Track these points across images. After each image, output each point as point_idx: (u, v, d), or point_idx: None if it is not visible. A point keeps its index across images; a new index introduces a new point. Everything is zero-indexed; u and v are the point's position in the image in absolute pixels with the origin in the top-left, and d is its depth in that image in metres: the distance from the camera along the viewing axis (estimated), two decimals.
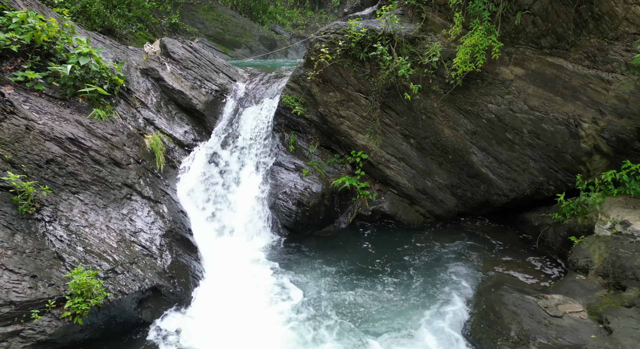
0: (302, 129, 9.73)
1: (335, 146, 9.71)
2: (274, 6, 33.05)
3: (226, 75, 10.76)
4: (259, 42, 29.36)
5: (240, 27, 29.26)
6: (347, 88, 8.72)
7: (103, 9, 20.98)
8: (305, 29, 31.99)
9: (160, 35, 25.49)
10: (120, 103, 8.67)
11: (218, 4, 29.78)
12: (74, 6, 20.35)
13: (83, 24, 20.47)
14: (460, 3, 7.17)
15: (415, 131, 8.52)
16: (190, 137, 9.41)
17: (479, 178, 8.47)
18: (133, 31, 22.75)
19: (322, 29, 8.80)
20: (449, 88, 7.93)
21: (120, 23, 21.90)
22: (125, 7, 22.72)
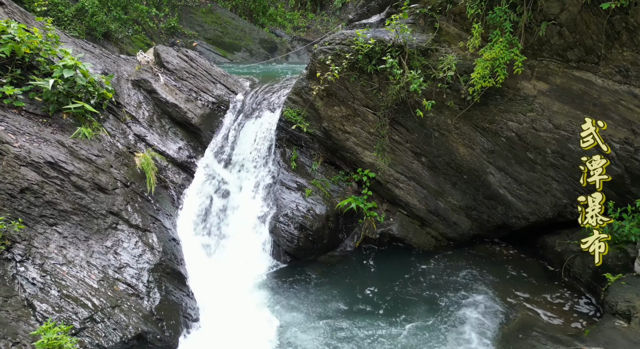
0: (304, 144, 9.10)
1: (340, 162, 9.08)
2: (275, 8, 32.41)
3: (224, 86, 10.12)
4: (259, 45, 28.73)
5: (239, 30, 28.62)
6: (354, 103, 8.09)
7: (98, 12, 20.36)
8: (307, 31, 31.36)
9: (157, 38, 24.87)
10: (108, 119, 8.04)
11: (217, 6, 29.15)
12: (67, 9, 19.74)
13: (77, 28, 19.85)
14: (479, 13, 6.53)
15: (427, 149, 7.89)
16: (184, 153, 8.77)
17: (496, 200, 7.83)
18: (129, 35, 22.14)
19: (327, 39, 8.16)
20: (464, 105, 7.29)
21: (116, 27, 21.28)
22: (121, 10, 22.08)
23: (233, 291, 6.95)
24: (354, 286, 7.33)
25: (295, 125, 8.43)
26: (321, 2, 31.52)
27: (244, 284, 7.22)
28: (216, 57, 27.30)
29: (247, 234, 8.01)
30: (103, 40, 20.72)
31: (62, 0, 20.05)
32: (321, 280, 7.51)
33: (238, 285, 7.14)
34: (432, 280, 7.50)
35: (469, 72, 7.06)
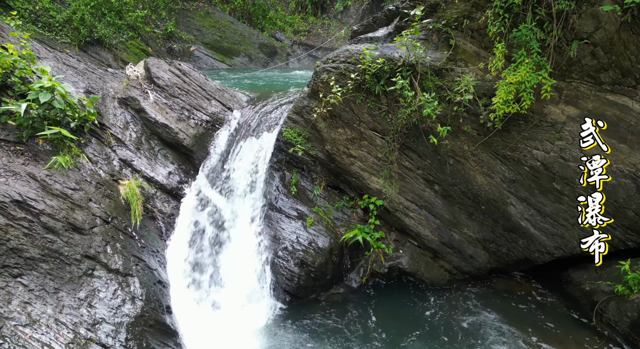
0: (305, 167, 8.39)
1: (344, 186, 8.37)
2: (275, 11, 31.67)
3: (219, 102, 9.40)
4: (259, 50, 27.99)
5: (238, 34, 27.89)
6: (360, 126, 7.36)
7: (91, 17, 19.64)
8: (307, 35, 30.61)
9: (154, 43, 24.14)
10: (91, 143, 7.32)
11: (215, 9, 28.42)
12: (59, 15, 19.03)
13: (69, 34, 19.13)
14: (502, 31, 5.81)
15: (440, 177, 7.16)
16: (175, 179, 8.05)
17: (517, 233, 7.11)
18: (124, 40, 21.41)
19: (330, 56, 7.44)
20: (483, 130, 6.57)
21: (109, 32, 20.56)
22: (115, 15, 21.35)
23: (229, 341, 6.22)
24: (359, 330, 6.60)
25: (295, 148, 7.69)
26: (322, 6, 30.79)
27: (240, 331, 6.50)
28: (214, 62, 26.59)
29: (243, 270, 7.28)
30: (96, 46, 20.00)
31: (54, 6, 19.35)
32: (325, 321, 6.79)
33: (234, 333, 6.42)
34: (446, 319, 6.79)
35: (489, 94, 6.34)
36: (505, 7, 5.69)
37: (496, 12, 5.77)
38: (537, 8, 5.68)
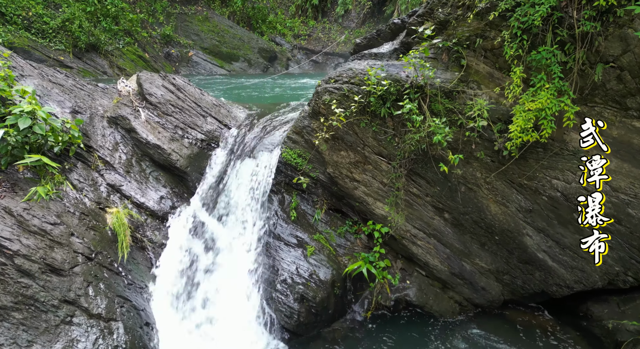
0: (306, 189, 7.90)
1: (347, 209, 7.90)
2: (274, 15, 31.19)
3: (215, 120, 8.92)
4: (258, 55, 27.49)
5: (238, 38, 27.39)
6: (364, 150, 6.88)
7: (86, 23, 19.17)
8: (308, 39, 30.10)
9: (151, 48, 23.65)
10: (76, 168, 6.85)
11: (214, 14, 27.92)
12: (53, 21, 18.55)
13: (63, 41, 18.65)
14: (520, 54, 5.32)
15: (451, 205, 6.68)
16: (167, 203, 7.57)
17: (534, 265, 6.63)
18: (120, 46, 20.94)
19: (332, 75, 6.96)
20: (498, 157, 6.09)
21: (105, 38, 20.08)
22: (111, 21, 20.86)
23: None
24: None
25: (302, 181, 7.21)
26: (323, 9, 30.30)
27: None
28: (213, 67, 26.11)
29: (239, 305, 6.80)
30: (91, 52, 19.52)
31: (48, 12, 18.88)
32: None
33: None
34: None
35: (505, 120, 5.86)
36: (523, 27, 5.21)
37: (513, 33, 5.29)
38: (558, 28, 5.20)
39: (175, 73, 24.25)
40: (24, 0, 18.26)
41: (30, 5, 18.40)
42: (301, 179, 7.06)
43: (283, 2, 31.67)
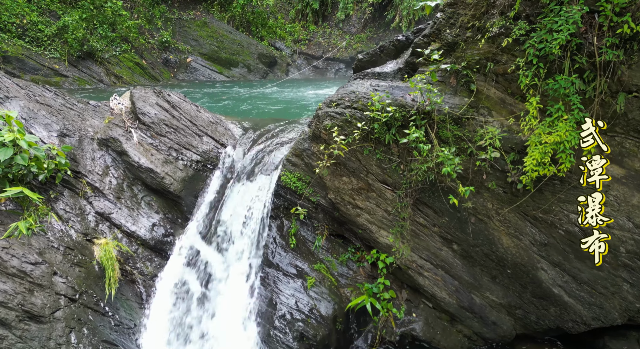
0: (306, 214, 7.51)
1: (349, 234, 7.52)
2: (274, 19, 30.79)
3: (212, 139, 8.54)
4: (258, 60, 27.09)
5: (237, 44, 27.00)
6: (367, 177, 6.50)
7: (82, 30, 18.79)
8: (308, 44, 29.68)
9: (148, 55, 23.27)
10: (62, 196, 6.48)
11: (213, 19, 27.53)
12: (48, 29, 18.19)
13: (58, 49, 18.29)
14: (536, 83, 4.93)
15: (460, 236, 6.30)
16: (160, 231, 7.19)
17: (549, 300, 6.24)
18: (117, 54, 20.56)
19: (334, 97, 6.57)
20: (510, 188, 5.71)
21: (101, 46, 19.71)
22: (107, 27, 20.48)
23: None
24: None
25: (300, 212, 6.83)
26: (323, 14, 29.91)
27: None
28: (212, 73, 25.74)
29: (235, 342, 6.42)
30: (87, 60, 19.16)
31: (43, 19, 18.52)
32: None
33: None
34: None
35: (518, 149, 5.48)
36: (539, 55, 4.82)
37: (529, 60, 4.91)
38: (576, 55, 4.82)
39: (173, 79, 23.92)
40: (18, 8, 17.91)
41: (24, 12, 18.05)
42: (299, 210, 6.67)
43: (283, 7, 31.29)
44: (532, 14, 5.12)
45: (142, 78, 21.14)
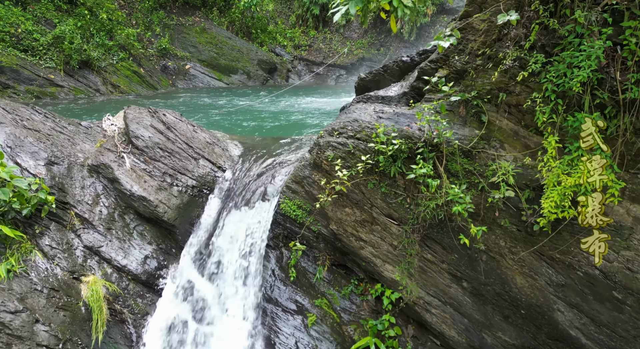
0: (306, 243, 7.16)
1: (352, 264, 7.15)
2: (274, 24, 30.45)
3: (209, 162, 8.19)
4: (258, 67, 26.75)
5: (236, 50, 26.66)
6: (371, 210, 6.14)
7: (78, 39, 18.44)
8: (308, 50, 29.32)
9: (147, 62, 22.92)
10: (48, 231, 6.12)
11: (213, 25, 27.20)
12: (43, 38, 17.84)
13: (54, 58, 17.93)
14: (554, 120, 4.57)
15: (470, 274, 5.93)
16: (152, 264, 6.84)
17: (566, 342, 5.86)
18: (114, 62, 20.22)
19: (335, 125, 6.22)
20: (524, 226, 5.34)
21: (98, 54, 19.37)
22: (104, 35, 20.13)
23: None
24: None
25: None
26: (324, 19, 29.54)
27: None
28: (211, 80, 25.41)
29: None
30: (83, 69, 18.81)
31: (38, 28, 18.17)
32: None
33: None
34: None
35: (534, 186, 5.12)
36: (558, 91, 4.46)
37: (546, 96, 4.55)
38: (597, 90, 4.46)
39: (172, 86, 23.58)
40: (13, 17, 17.57)
41: (19, 21, 17.71)
42: (297, 246, 6.31)
43: (283, 12, 30.94)
44: (549, 44, 4.76)
45: (140, 87, 20.79)
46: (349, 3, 3.46)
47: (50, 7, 19.13)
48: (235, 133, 12.55)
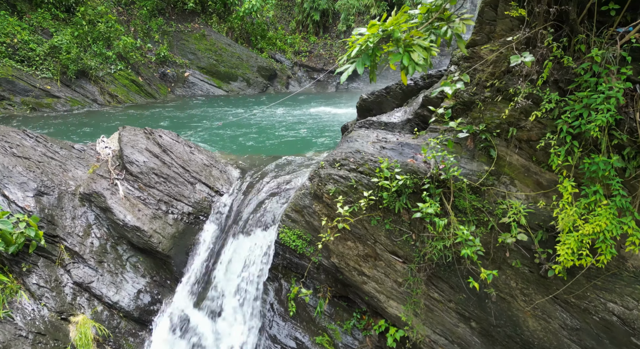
0: (306, 274, 6.88)
1: (354, 295, 6.86)
2: (274, 30, 30.16)
3: (205, 186, 7.92)
4: (257, 74, 26.47)
5: (236, 57, 26.37)
6: (375, 245, 5.86)
7: (75, 48, 18.18)
8: (309, 56, 29.04)
9: (145, 70, 22.65)
10: (36, 268, 5.85)
11: (212, 31, 26.91)
12: (40, 48, 17.58)
13: (51, 68, 17.67)
14: (570, 163, 4.29)
15: (479, 314, 5.65)
16: (145, 299, 6.56)
17: None
18: (112, 72, 19.94)
19: (336, 155, 5.93)
20: (537, 268, 5.06)
21: (96, 63, 19.10)
22: (102, 44, 19.85)
23: None
24: None
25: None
26: (324, 25, 29.27)
27: None
28: (210, 87, 25.14)
29: None
30: (80, 79, 18.53)
31: (34, 37, 17.90)
32: None
33: None
34: None
35: (547, 226, 4.83)
36: (574, 133, 4.18)
37: (561, 138, 4.27)
38: (615, 131, 4.18)
39: (170, 94, 23.31)
40: (9, 26, 17.31)
41: (15, 31, 17.45)
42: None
43: (283, 17, 30.66)
44: (562, 79, 4.48)
45: (138, 96, 20.52)
46: (355, 61, 3.19)
47: (47, 16, 18.86)
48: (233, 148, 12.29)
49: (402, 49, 3.04)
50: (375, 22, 3.13)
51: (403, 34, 3.10)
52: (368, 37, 3.06)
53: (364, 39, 3.09)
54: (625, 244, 4.28)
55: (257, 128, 15.00)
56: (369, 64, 3.20)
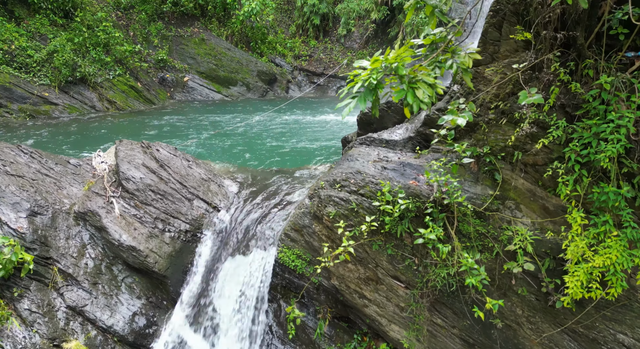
0: (306, 294, 6.74)
1: (355, 316, 6.71)
2: (274, 34, 30.01)
3: (203, 201, 7.76)
4: (257, 78, 26.31)
5: (236, 61, 26.22)
6: (377, 269, 5.71)
7: (73, 55, 18.02)
8: (309, 60, 28.85)
9: (144, 75, 22.50)
10: (28, 292, 5.70)
11: (211, 35, 26.75)
12: (38, 54, 17.43)
13: (48, 75, 17.52)
14: (578, 193, 4.13)
15: (484, 342, 5.49)
16: (141, 322, 6.41)
17: None
18: (110, 78, 19.79)
19: (337, 175, 5.78)
20: (544, 297, 4.90)
21: (94, 70, 18.94)
22: (101, 50, 19.70)
23: None
24: None
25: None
26: (324, 29, 29.11)
27: None
28: (210, 92, 25.00)
29: None
30: (79, 85, 18.38)
31: (32, 44, 17.75)
32: None
33: None
34: None
35: (554, 254, 4.68)
36: (582, 161, 4.03)
37: (569, 166, 4.11)
38: (625, 159, 4.03)
39: (169, 99, 23.16)
40: (6, 33, 17.16)
41: (13, 37, 17.30)
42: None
43: (283, 21, 30.50)
44: (569, 104, 4.32)
45: (137, 102, 20.37)
46: (357, 97, 3.03)
47: (45, 21, 18.71)
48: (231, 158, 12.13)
49: (407, 85, 2.89)
50: (379, 57, 2.99)
51: (407, 69, 2.95)
52: (370, 72, 2.91)
53: (366, 74, 2.94)
54: (637, 276, 4.12)
55: (256, 136, 14.85)
56: (371, 100, 3.04)
